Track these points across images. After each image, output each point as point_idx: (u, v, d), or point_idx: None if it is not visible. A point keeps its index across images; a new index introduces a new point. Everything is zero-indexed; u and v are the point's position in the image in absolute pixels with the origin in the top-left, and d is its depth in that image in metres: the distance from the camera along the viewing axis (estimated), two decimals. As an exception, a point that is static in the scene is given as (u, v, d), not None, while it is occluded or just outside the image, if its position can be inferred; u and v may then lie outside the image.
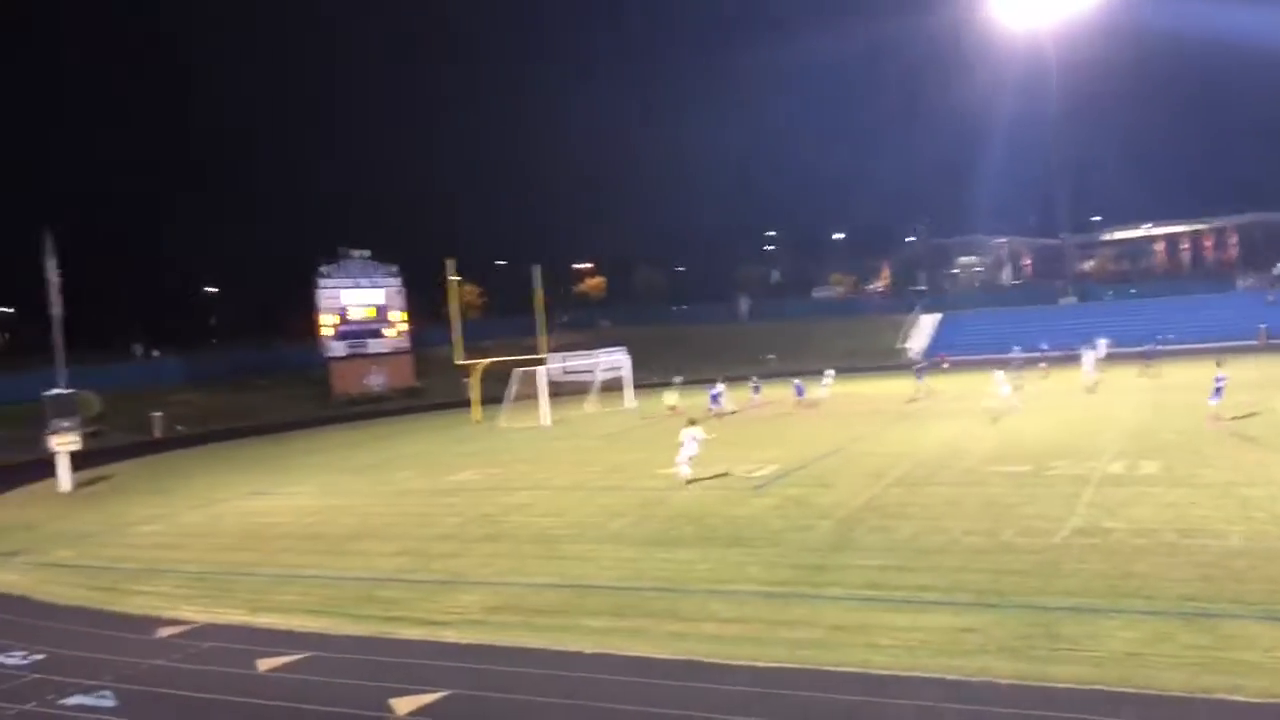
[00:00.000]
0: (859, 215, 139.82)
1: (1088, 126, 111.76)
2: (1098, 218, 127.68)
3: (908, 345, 73.24)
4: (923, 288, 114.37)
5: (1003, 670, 11.16)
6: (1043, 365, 49.30)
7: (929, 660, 11.66)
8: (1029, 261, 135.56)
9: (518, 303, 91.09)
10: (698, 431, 25.66)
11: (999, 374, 37.22)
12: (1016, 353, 48.07)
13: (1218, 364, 29.48)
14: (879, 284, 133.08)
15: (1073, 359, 45.05)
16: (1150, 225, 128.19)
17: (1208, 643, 11.53)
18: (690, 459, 25.26)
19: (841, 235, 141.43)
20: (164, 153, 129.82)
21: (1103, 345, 45.79)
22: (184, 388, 67.25)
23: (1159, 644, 11.61)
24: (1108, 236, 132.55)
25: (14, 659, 14.63)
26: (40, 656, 14.66)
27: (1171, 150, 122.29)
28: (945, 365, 59.83)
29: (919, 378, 44.31)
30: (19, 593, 19.16)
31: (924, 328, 77.50)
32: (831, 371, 46.78)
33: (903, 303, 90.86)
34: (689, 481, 24.99)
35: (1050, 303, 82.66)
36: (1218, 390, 28.36)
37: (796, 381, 45.96)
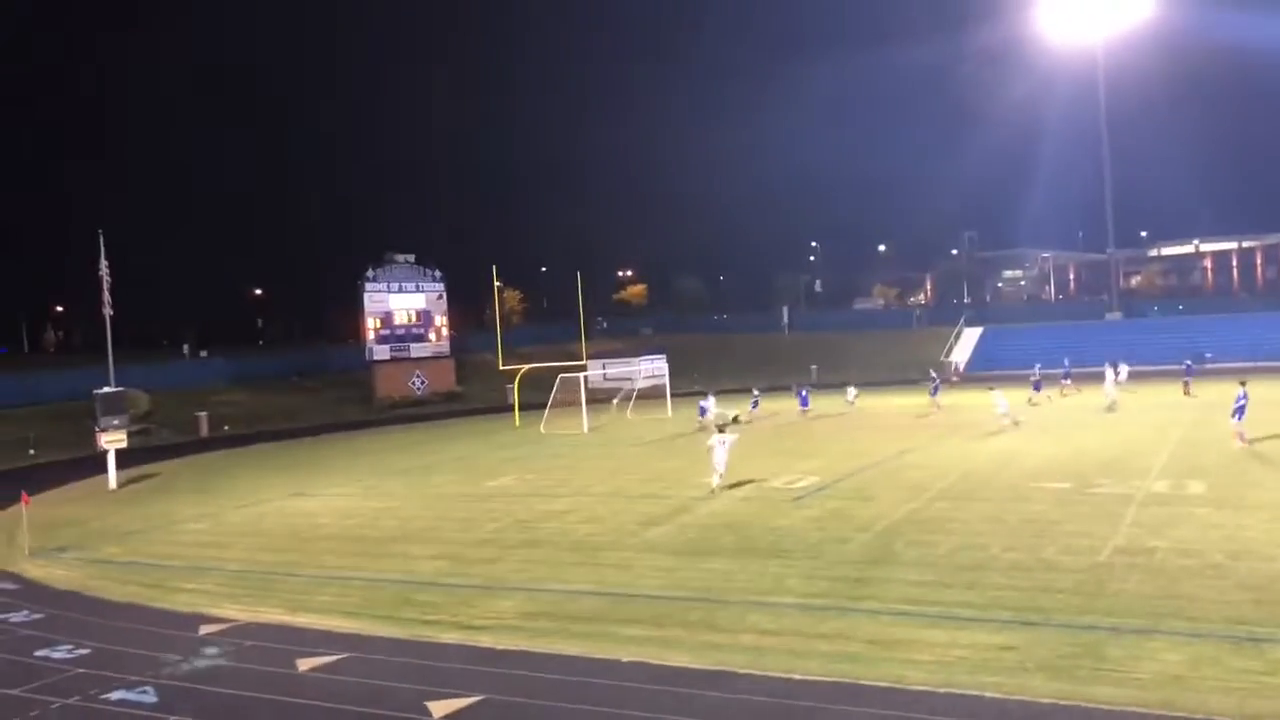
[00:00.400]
0: (903, 227, 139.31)
1: (1137, 141, 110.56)
2: (1145, 233, 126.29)
3: (951, 359, 72.60)
4: (967, 301, 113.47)
5: (1042, 690, 11.02)
6: (1066, 382, 48.52)
7: (966, 677, 11.55)
8: (1074, 276, 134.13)
9: (559, 309, 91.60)
10: (727, 437, 25.72)
11: (995, 393, 37.35)
12: (1038, 370, 47.16)
13: (1241, 383, 29.25)
14: (922, 297, 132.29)
15: (1099, 376, 44.36)
16: (1199, 241, 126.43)
17: (1257, 667, 11.32)
18: (719, 467, 25.19)
19: (884, 247, 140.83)
20: (215, 156, 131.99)
21: (1124, 368, 44.92)
22: (230, 388, 68.16)
23: (1205, 667, 11.42)
24: (1155, 252, 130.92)
25: (60, 653, 14.90)
26: (85, 651, 14.91)
27: (1221, 166, 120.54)
28: (954, 379, 59.10)
29: (933, 393, 44.26)
30: (68, 588, 19.52)
31: (967, 341, 76.75)
32: (854, 388, 46.44)
33: (946, 315, 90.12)
34: (712, 490, 24.99)
35: (1096, 318, 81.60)
36: (1239, 409, 28.05)
37: (802, 391, 45.62)
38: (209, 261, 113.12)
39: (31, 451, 45.60)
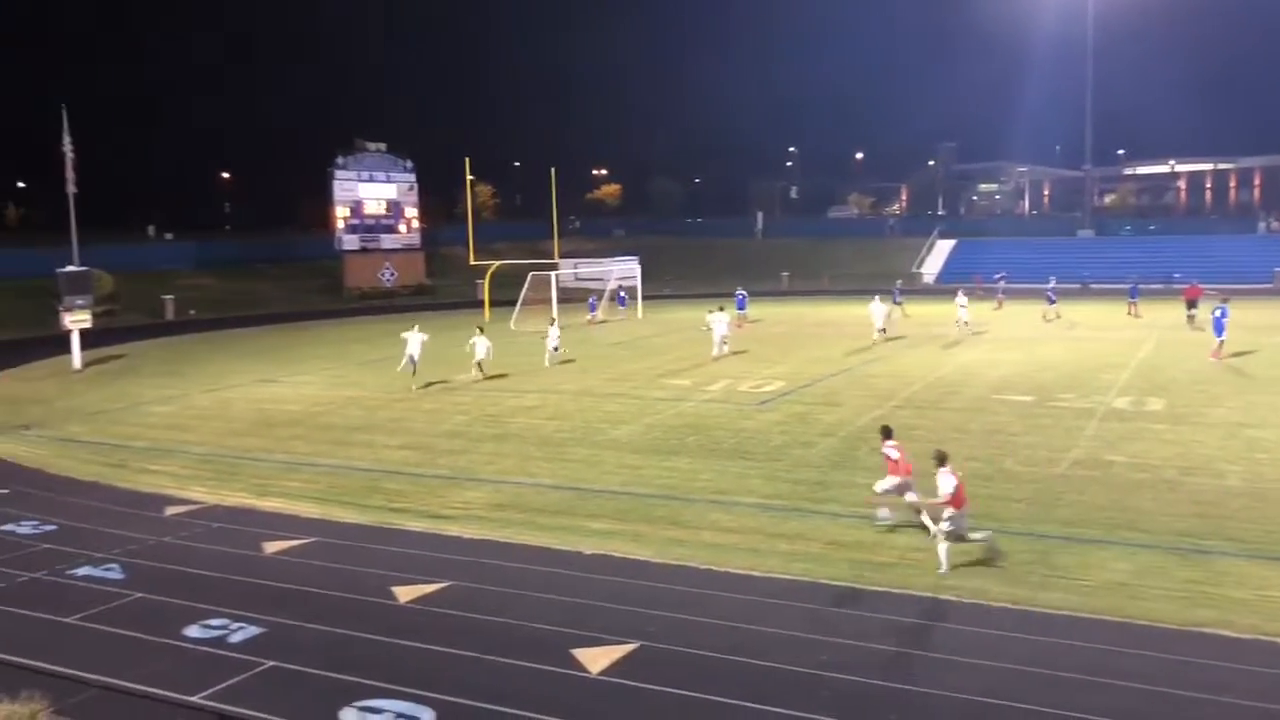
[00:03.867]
0: (882, 137, 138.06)
1: (1120, 58, 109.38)
2: (1122, 151, 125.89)
3: (923, 270, 72.76)
4: (941, 212, 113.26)
5: (996, 594, 11.33)
6: (1000, 297, 49.06)
7: (922, 579, 11.85)
8: (1049, 192, 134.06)
9: (532, 206, 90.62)
10: (723, 315, 32.45)
11: (962, 297, 38.76)
12: (974, 282, 48.11)
13: (1224, 300, 30.22)
14: (897, 207, 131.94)
15: (1033, 293, 45.54)
16: (1174, 161, 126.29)
17: (1200, 578, 11.68)
18: (722, 340, 31.90)
19: (862, 155, 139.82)
20: (188, 37, 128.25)
21: (1052, 280, 45.49)
22: (196, 272, 67.29)
23: (1151, 577, 11.77)
24: (1130, 171, 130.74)
25: (26, 528, 14.95)
26: (51, 528, 14.97)
27: (1203, 87, 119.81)
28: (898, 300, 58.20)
29: (896, 300, 45.10)
30: (33, 465, 19.48)
31: (939, 253, 76.81)
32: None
33: (920, 227, 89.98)
34: (716, 359, 31.10)
35: (1068, 234, 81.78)
36: (1219, 324, 29.07)
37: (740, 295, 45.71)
38: (177, 143, 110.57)
39: (-7, 329, 45.02)
